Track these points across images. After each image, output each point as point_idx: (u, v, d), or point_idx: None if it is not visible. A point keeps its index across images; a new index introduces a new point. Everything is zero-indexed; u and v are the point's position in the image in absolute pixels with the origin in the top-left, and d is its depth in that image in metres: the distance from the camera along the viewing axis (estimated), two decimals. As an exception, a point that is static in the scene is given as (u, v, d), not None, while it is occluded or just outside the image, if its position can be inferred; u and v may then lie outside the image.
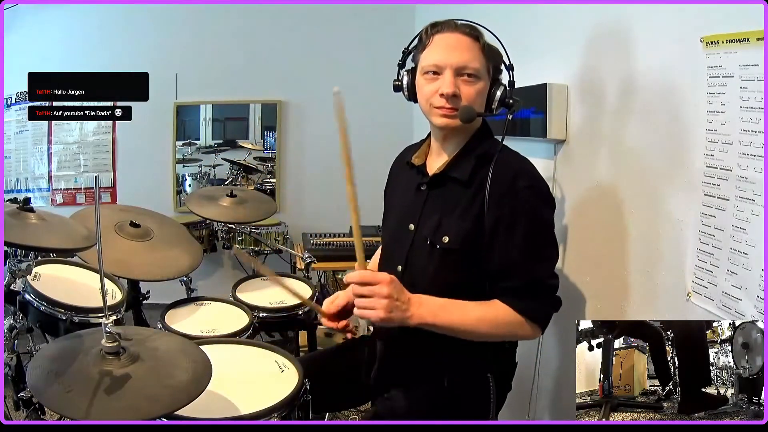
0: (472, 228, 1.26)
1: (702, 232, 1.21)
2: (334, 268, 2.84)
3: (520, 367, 1.48)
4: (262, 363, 1.37)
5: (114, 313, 1.47)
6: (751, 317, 1.06)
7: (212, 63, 3.61)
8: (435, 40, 1.28)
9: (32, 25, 3.52)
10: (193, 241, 2.02)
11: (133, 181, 3.70)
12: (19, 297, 1.52)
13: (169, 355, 1.10)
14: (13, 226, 1.36)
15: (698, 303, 1.23)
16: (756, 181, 1.06)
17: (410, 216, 1.37)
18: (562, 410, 1.77)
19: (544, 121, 1.73)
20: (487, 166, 1.27)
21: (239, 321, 1.74)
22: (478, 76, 1.26)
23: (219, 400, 1.18)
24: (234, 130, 3.76)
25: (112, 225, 1.77)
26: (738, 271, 1.12)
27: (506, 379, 1.43)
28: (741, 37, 1.07)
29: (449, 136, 1.34)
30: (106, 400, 0.95)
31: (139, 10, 3.54)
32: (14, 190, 3.73)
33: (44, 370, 1.01)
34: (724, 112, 1.13)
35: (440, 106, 1.26)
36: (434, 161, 1.39)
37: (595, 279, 1.64)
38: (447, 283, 1.29)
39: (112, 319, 1.03)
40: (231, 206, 2.15)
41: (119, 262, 1.67)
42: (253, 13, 3.58)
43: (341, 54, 3.66)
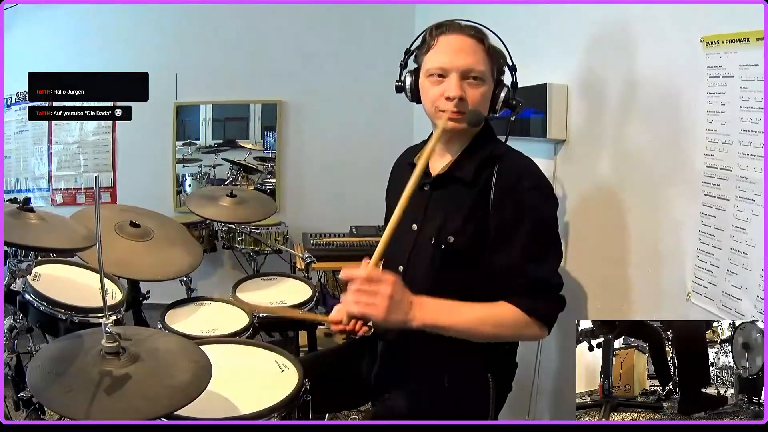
0: (477, 228, 1.26)
1: (702, 232, 1.21)
2: (334, 268, 2.84)
3: (520, 367, 1.48)
4: (262, 363, 1.37)
5: (114, 313, 1.47)
6: (751, 317, 1.06)
7: (212, 63, 3.60)
8: (440, 42, 1.28)
9: (32, 25, 3.51)
10: (193, 241, 2.02)
11: (133, 181, 3.70)
12: (19, 297, 1.52)
13: (169, 355, 1.11)
14: (13, 226, 1.36)
15: (698, 303, 1.23)
16: (756, 181, 1.06)
17: (413, 216, 1.37)
18: (562, 410, 1.77)
19: (544, 121, 1.74)
20: (491, 166, 1.27)
21: (239, 321, 1.74)
22: (483, 78, 1.26)
23: (219, 400, 1.18)
24: (234, 130, 3.75)
25: (112, 225, 1.77)
26: (738, 271, 1.12)
27: (506, 379, 1.43)
28: (741, 37, 1.07)
29: (453, 138, 1.34)
30: (106, 401, 0.95)
31: (139, 11, 3.53)
32: (14, 190, 3.73)
33: (44, 370, 1.01)
34: (724, 112, 1.13)
35: (446, 109, 1.26)
36: (437, 162, 1.39)
37: (595, 279, 1.64)
38: (449, 283, 1.29)
39: (112, 319, 1.03)
40: (231, 206, 2.15)
41: (119, 262, 1.67)
42: (253, 13, 3.58)
43: (341, 54, 3.65)
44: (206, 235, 3.46)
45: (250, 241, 3.27)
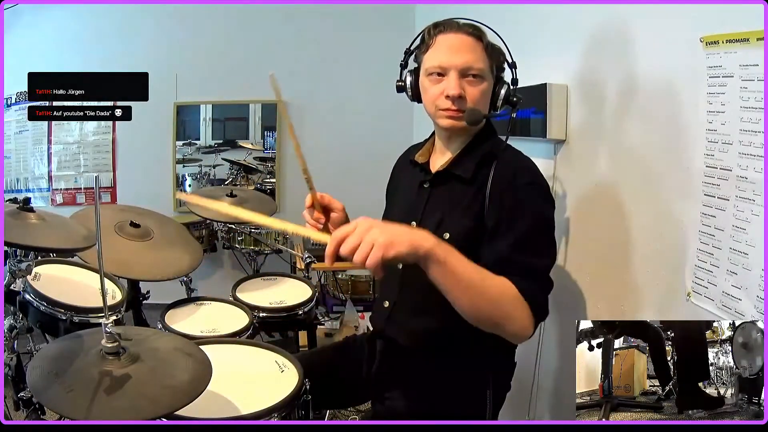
0: (474, 225, 1.26)
1: (702, 232, 1.21)
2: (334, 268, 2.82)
3: (520, 367, 1.48)
4: (262, 363, 1.37)
5: (114, 313, 1.47)
6: (751, 317, 1.06)
7: (212, 63, 3.61)
8: (438, 41, 1.28)
9: (32, 25, 3.52)
10: (193, 241, 2.02)
11: (133, 181, 3.70)
12: (19, 297, 1.52)
13: (169, 355, 1.10)
14: (13, 226, 1.35)
15: (698, 303, 1.23)
16: (756, 181, 1.06)
17: (412, 213, 1.37)
18: (562, 410, 1.77)
19: (544, 121, 1.74)
20: (489, 164, 1.27)
21: (239, 321, 1.74)
22: (483, 76, 1.26)
23: (219, 400, 1.18)
24: (234, 130, 3.76)
25: (112, 225, 1.77)
26: (738, 271, 1.12)
27: (506, 378, 1.43)
28: (741, 37, 1.07)
29: (453, 136, 1.35)
30: (106, 401, 0.95)
31: (140, 11, 3.54)
32: (14, 190, 3.73)
33: (44, 370, 1.00)
34: (724, 112, 1.13)
35: (446, 108, 1.26)
36: (438, 159, 1.39)
37: (595, 279, 1.64)
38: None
39: (112, 319, 1.03)
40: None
41: (119, 262, 1.67)
42: (253, 13, 3.59)
43: (341, 54, 3.66)
44: (206, 235, 3.46)
45: (250, 241, 3.27)
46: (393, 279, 1.40)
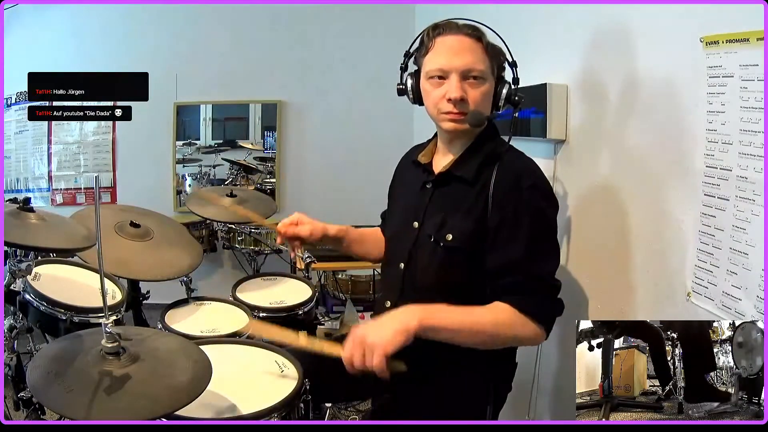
0: (476, 227, 1.26)
1: (702, 232, 1.21)
2: (334, 268, 2.83)
3: (520, 367, 1.48)
4: (262, 363, 1.37)
5: (114, 313, 1.47)
6: (751, 317, 1.06)
7: (212, 63, 3.61)
8: (438, 43, 1.27)
9: (32, 25, 3.52)
10: (193, 241, 2.02)
11: (133, 181, 3.70)
12: (19, 297, 1.52)
13: (169, 355, 1.10)
14: (13, 226, 1.35)
15: (698, 303, 1.23)
16: (756, 181, 1.06)
17: (414, 214, 1.37)
18: (562, 410, 1.77)
19: (544, 121, 1.74)
20: (492, 165, 1.27)
21: (239, 321, 1.74)
22: (484, 77, 1.26)
23: (219, 400, 1.18)
24: (234, 130, 3.76)
25: (112, 225, 1.77)
26: (738, 271, 1.12)
27: (506, 379, 1.43)
28: (741, 37, 1.07)
29: (456, 137, 1.35)
30: (106, 401, 0.95)
31: (139, 11, 3.54)
32: (14, 190, 3.73)
33: (44, 370, 1.01)
34: (724, 112, 1.13)
35: (448, 111, 1.26)
36: (440, 160, 1.39)
37: (595, 279, 1.64)
38: (449, 282, 1.29)
39: (112, 319, 1.03)
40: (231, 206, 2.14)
41: (119, 262, 1.67)
42: (253, 13, 3.58)
43: (341, 54, 3.66)
44: (206, 235, 3.46)
45: (250, 241, 3.27)
46: (395, 279, 1.40)
